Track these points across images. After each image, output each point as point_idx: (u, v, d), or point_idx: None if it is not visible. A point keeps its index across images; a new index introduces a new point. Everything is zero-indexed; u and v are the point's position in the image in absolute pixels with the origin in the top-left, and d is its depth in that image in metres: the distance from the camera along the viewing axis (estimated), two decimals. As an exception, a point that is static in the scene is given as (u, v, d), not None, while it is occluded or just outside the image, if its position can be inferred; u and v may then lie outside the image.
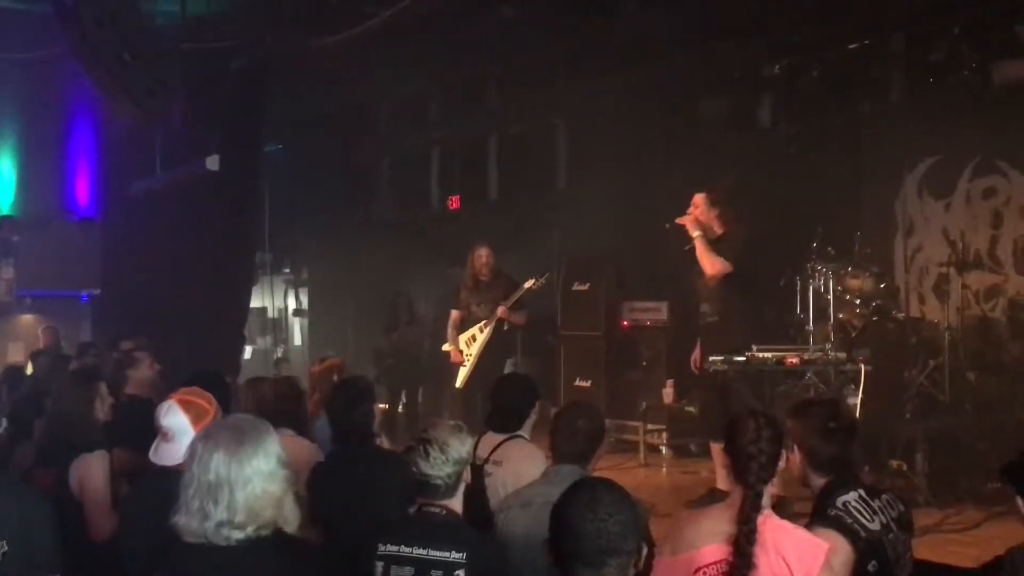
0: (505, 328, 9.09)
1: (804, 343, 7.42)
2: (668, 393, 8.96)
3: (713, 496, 6.20)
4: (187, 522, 2.77)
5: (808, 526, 3.40)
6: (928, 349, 7.35)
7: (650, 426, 8.98)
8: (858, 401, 6.57)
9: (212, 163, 10.44)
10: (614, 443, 9.33)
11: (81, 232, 14.04)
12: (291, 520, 2.89)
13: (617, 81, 10.76)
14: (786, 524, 3.23)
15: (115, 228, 13.38)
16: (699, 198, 7.22)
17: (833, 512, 3.44)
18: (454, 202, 13.18)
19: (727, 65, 10.11)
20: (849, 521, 3.41)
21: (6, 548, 3.20)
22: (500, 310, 8.90)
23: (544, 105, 12.19)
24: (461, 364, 9.09)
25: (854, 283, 7.55)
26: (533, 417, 4.78)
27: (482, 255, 9.16)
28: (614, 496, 2.71)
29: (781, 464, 3.33)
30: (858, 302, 7.55)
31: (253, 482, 2.76)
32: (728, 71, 10.19)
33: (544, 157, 12.37)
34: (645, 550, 2.73)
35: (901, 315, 7.76)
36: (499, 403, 4.85)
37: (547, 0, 9.68)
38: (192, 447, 2.87)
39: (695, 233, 7.01)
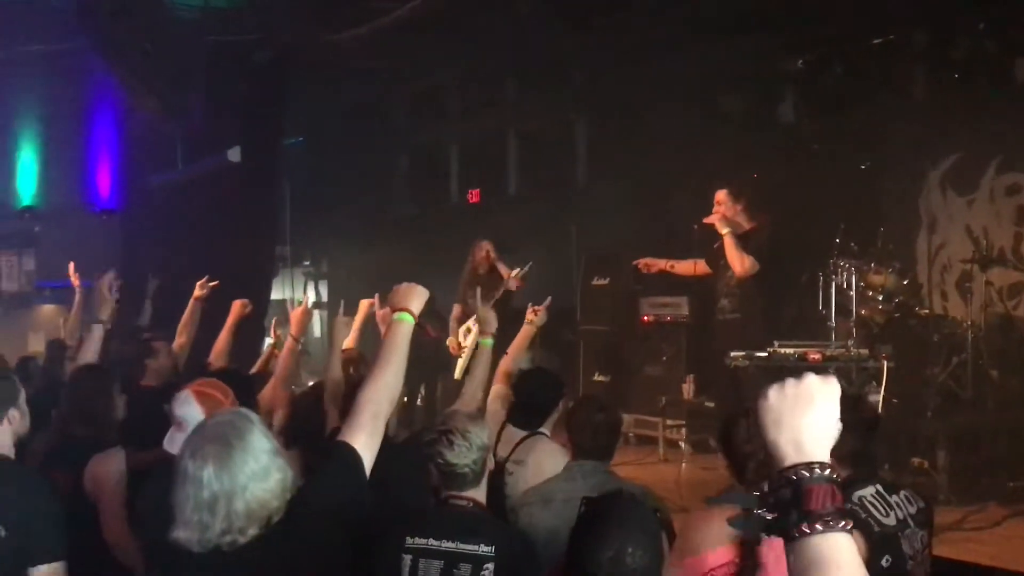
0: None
1: (826, 339, 7.36)
2: (688, 388, 8.94)
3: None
4: (188, 536, 2.71)
5: None
6: (950, 346, 7.30)
7: (669, 422, 8.96)
8: (879, 398, 6.53)
9: (234, 155, 10.49)
10: (633, 439, 9.37)
11: (102, 223, 14.09)
12: None
13: (636, 76, 10.74)
14: None
15: (136, 220, 13.42)
16: (721, 194, 7.24)
17: (848, 506, 3.43)
18: (474, 195, 13.17)
19: (748, 60, 10.07)
20: (863, 516, 3.42)
21: (4, 533, 3.23)
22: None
23: (562, 100, 12.17)
24: (459, 355, 9.28)
25: (876, 279, 7.49)
26: (556, 414, 4.75)
27: (483, 248, 9.45)
28: (640, 532, 2.66)
29: None
30: (880, 298, 7.50)
31: (249, 488, 2.72)
32: (749, 66, 10.14)
33: (563, 152, 12.35)
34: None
35: (924, 312, 7.72)
36: (523, 399, 4.82)
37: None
38: (181, 465, 2.78)
39: (724, 230, 7.04)
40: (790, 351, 6.70)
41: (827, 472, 1.65)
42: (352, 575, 2.94)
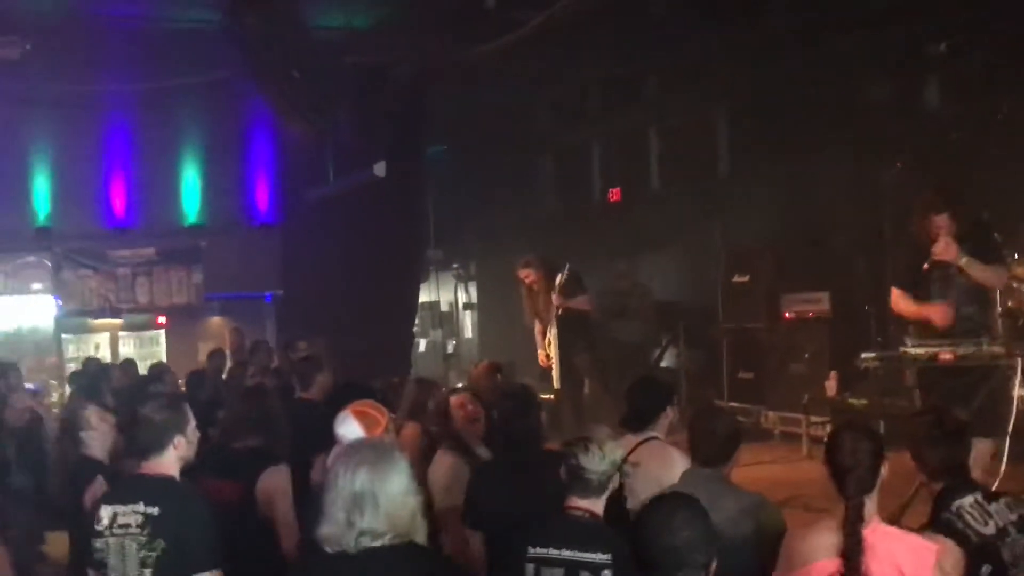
0: (566, 317, 9.63)
1: (975, 332, 7.18)
2: (831, 385, 8.85)
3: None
4: (330, 532, 2.98)
5: (922, 530, 3.46)
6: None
7: (813, 418, 8.90)
8: (1017, 394, 6.34)
9: (379, 170, 10.88)
10: (778, 435, 9.37)
11: (263, 237, 14.78)
12: (420, 533, 3.12)
13: (778, 67, 10.64)
14: (894, 530, 3.31)
15: (294, 232, 14.06)
16: (942, 219, 6.74)
17: (945, 516, 3.50)
18: (615, 194, 13.27)
19: (890, 47, 9.87)
20: (960, 526, 3.47)
21: (164, 545, 3.58)
22: (554, 298, 9.52)
23: (704, 95, 12.14)
24: (549, 368, 9.71)
25: (1020, 271, 7.30)
26: (668, 418, 4.89)
27: (523, 275, 9.97)
28: (689, 513, 2.95)
29: (883, 473, 3.37)
30: (1024, 290, 7.30)
31: (393, 494, 3.00)
32: (891, 53, 9.93)
33: (705, 147, 12.32)
34: (715, 564, 2.93)
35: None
36: (631, 405, 4.99)
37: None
38: (334, 470, 3.08)
39: (961, 261, 6.63)
40: (920, 351, 6.54)
41: None
42: None
